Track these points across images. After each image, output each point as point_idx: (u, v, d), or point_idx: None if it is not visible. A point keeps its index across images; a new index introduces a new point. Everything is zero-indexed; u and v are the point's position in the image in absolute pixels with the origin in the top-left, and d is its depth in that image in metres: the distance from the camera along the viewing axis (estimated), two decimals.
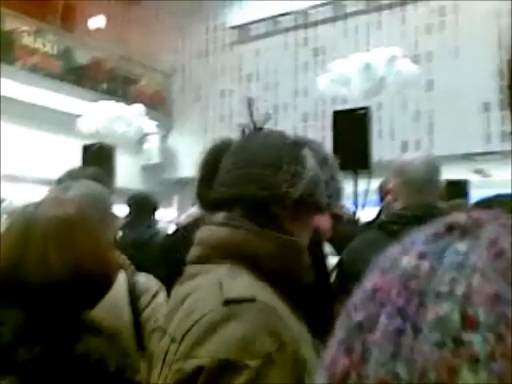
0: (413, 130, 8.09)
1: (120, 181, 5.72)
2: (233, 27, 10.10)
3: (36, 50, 9.13)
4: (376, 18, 8.76)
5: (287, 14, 9.50)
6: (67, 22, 10.65)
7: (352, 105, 6.50)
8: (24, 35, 9.03)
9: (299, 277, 0.91)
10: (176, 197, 10.01)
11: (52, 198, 1.17)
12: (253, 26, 9.98)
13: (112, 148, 7.20)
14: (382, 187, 2.50)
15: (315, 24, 9.35)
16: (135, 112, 8.06)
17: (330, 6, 9.19)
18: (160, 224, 3.83)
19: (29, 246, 0.92)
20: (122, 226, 2.91)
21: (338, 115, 5.66)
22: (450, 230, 0.31)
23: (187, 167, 9.83)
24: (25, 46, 8.98)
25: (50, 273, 0.89)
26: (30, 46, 9.08)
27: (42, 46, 9.28)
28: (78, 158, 6.70)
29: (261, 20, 9.80)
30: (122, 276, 1.43)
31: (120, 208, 1.78)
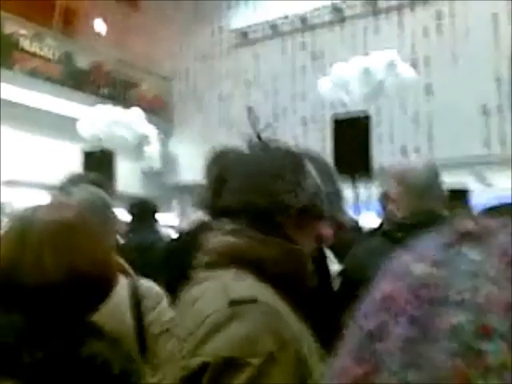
0: (412, 134, 8.11)
1: (120, 186, 5.74)
2: (232, 31, 10.13)
3: (35, 54, 9.11)
4: (373, 23, 8.80)
5: (285, 18, 9.53)
6: (67, 27, 10.64)
7: (351, 109, 6.53)
8: (23, 39, 9.02)
9: (302, 281, 0.94)
10: (176, 202, 10.01)
11: (51, 202, 1.17)
12: (251, 31, 10.00)
13: (112, 153, 7.20)
14: (385, 195, 2.51)
15: (313, 28, 9.38)
16: (135, 116, 8.06)
17: (327, 11, 9.22)
18: (161, 229, 3.82)
19: (25, 249, 0.93)
20: (124, 231, 2.93)
21: (337, 121, 5.68)
22: (462, 238, 0.31)
23: (187, 172, 9.83)
24: (24, 50, 8.97)
25: (45, 276, 0.89)
26: (30, 50, 9.07)
27: (42, 50, 9.27)
28: (77, 162, 6.71)
29: (259, 24, 9.83)
30: (124, 280, 1.43)
31: (120, 213, 1.79)
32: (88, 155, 7.04)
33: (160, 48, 10.56)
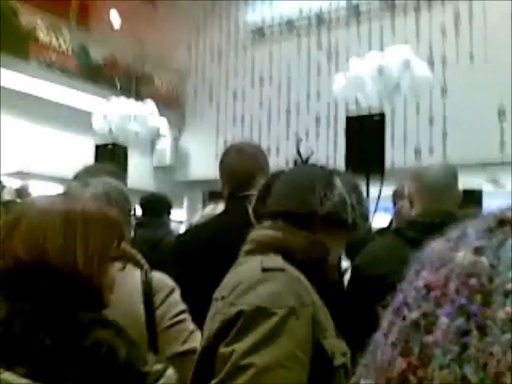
0: (426, 134, 8.05)
1: (131, 181, 5.74)
2: (247, 27, 10.11)
3: (51, 46, 9.16)
4: (390, 21, 8.73)
5: (301, 16, 9.50)
6: (83, 20, 10.69)
7: (365, 109, 6.48)
8: (40, 30, 9.07)
9: (323, 270, 1.14)
10: (186, 198, 10.03)
11: (66, 193, 1.18)
12: (267, 28, 9.98)
13: (125, 147, 7.23)
14: (396, 193, 2.49)
15: (329, 27, 9.34)
16: (148, 111, 8.08)
17: (344, 8, 9.17)
18: (171, 224, 3.84)
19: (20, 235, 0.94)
20: (135, 225, 2.92)
21: (351, 119, 5.64)
22: (501, 225, 0.30)
23: (198, 169, 9.84)
24: (40, 42, 9.01)
25: (48, 266, 0.90)
26: (45, 41, 9.11)
27: (58, 42, 9.31)
28: (90, 156, 6.73)
29: (275, 22, 9.80)
30: (137, 273, 1.43)
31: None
32: (100, 148, 7.07)
33: (175, 43, 10.57)
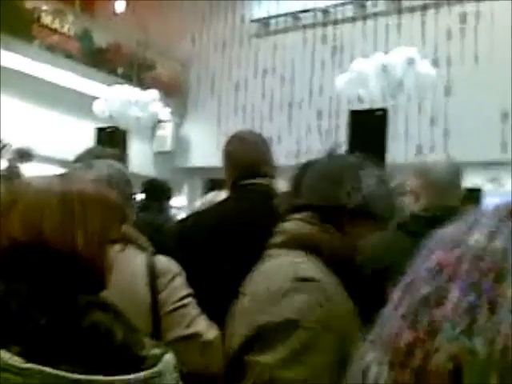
0: (428, 134, 8.05)
1: (132, 166, 5.73)
2: (253, 20, 10.07)
3: (55, 30, 9.11)
4: (396, 21, 8.71)
5: (307, 10, 9.47)
6: (87, 4, 10.63)
7: (368, 105, 6.48)
8: (44, 14, 9.01)
9: (351, 265, 1.15)
10: (186, 185, 10.02)
11: (63, 174, 1.16)
12: (272, 21, 9.94)
13: (125, 132, 7.22)
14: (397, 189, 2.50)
15: (335, 22, 9.32)
16: (150, 97, 8.06)
17: (350, 6, 9.14)
18: (171, 210, 3.84)
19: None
20: (137, 208, 2.93)
21: (354, 113, 5.63)
22: None
23: (199, 156, 9.83)
24: (44, 26, 8.96)
25: (45, 245, 0.90)
26: (50, 25, 9.06)
27: (62, 26, 9.27)
28: (90, 139, 6.71)
29: (281, 15, 9.77)
30: (141, 256, 1.42)
31: None
32: (101, 131, 7.05)
33: (179, 31, 10.53)
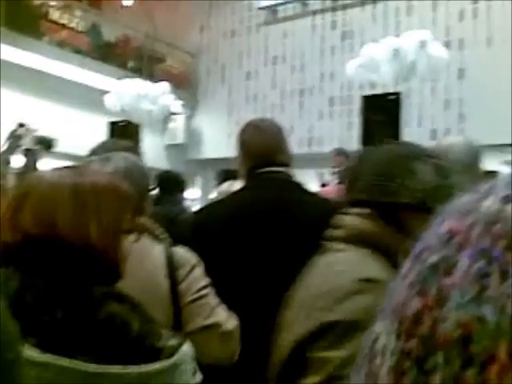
0: (442, 118, 7.96)
1: (144, 159, 5.73)
2: (261, 8, 10.00)
3: (64, 26, 9.15)
4: (406, 3, 8.59)
5: None
6: (95, 0, 10.65)
7: (380, 90, 6.41)
8: (53, 10, 9.04)
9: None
10: (199, 177, 10.04)
11: (74, 166, 1.16)
12: (281, 8, 9.87)
13: (138, 125, 7.24)
14: None
15: (344, 7, 9.21)
16: (161, 90, 8.06)
17: None
18: (185, 202, 3.85)
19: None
20: (151, 201, 2.93)
21: (367, 98, 5.58)
22: None
23: (211, 148, 9.83)
24: (53, 21, 9.00)
25: (58, 239, 0.89)
26: (59, 21, 9.10)
27: (71, 21, 9.30)
28: (102, 134, 6.73)
29: (289, 2, 9.69)
30: (159, 248, 1.42)
31: None
32: (113, 125, 7.08)
33: (188, 22, 10.50)
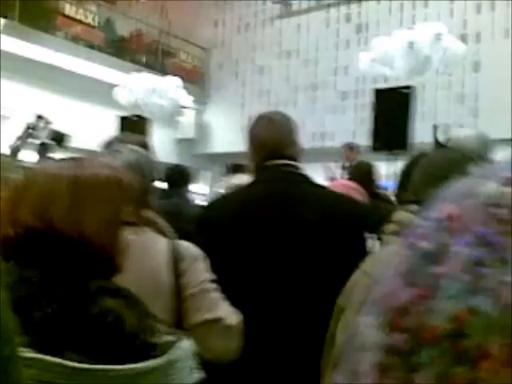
0: (456, 112, 7.85)
1: (153, 153, 5.73)
2: (274, 2, 9.94)
3: (78, 21, 9.22)
4: None
5: None
6: None
7: (393, 84, 6.32)
8: (66, 5, 9.10)
9: None
10: (208, 172, 10.04)
11: (75, 158, 1.13)
12: (294, 1, 9.80)
13: (148, 120, 7.27)
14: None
15: (359, 0, 9.13)
16: (172, 85, 8.07)
17: None
18: (192, 197, 3.87)
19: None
20: (158, 195, 2.94)
21: (379, 91, 5.52)
22: None
23: (221, 143, 9.81)
24: (67, 16, 9.06)
25: (55, 232, 0.88)
26: (73, 16, 9.16)
27: (85, 16, 9.36)
28: (114, 128, 6.75)
29: None
30: (163, 241, 1.43)
31: None
32: (124, 120, 7.12)
33: (200, 17, 10.49)
